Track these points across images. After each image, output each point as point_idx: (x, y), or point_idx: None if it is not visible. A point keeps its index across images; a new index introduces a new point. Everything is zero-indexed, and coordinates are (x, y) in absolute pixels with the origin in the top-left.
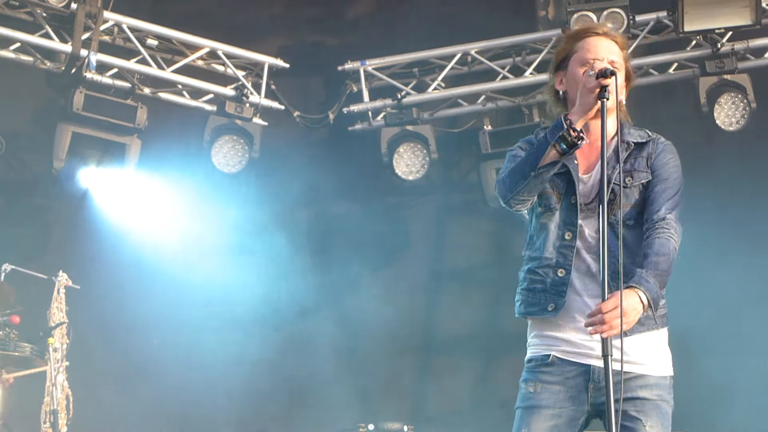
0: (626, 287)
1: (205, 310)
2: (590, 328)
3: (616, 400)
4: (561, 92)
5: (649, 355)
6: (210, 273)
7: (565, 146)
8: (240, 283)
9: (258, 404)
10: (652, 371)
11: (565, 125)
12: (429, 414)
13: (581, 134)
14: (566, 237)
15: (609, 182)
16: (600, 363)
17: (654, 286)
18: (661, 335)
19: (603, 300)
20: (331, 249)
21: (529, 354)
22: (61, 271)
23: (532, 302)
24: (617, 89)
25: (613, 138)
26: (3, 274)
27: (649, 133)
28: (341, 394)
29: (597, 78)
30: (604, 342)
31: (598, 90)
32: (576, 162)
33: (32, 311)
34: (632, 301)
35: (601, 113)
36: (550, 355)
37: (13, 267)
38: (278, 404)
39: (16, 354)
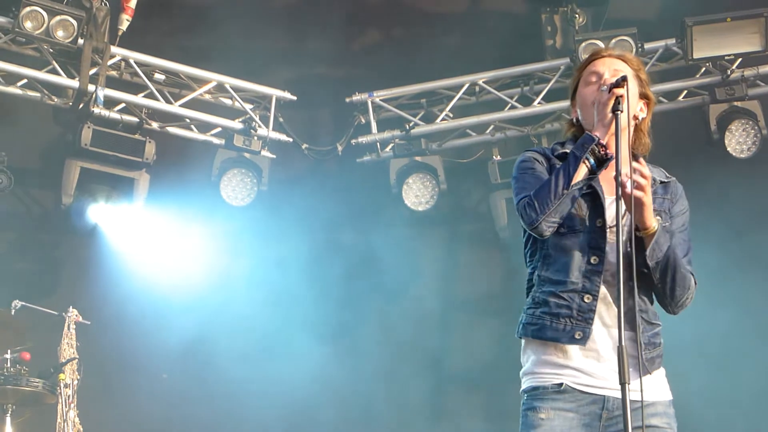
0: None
1: (216, 343)
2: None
3: (635, 428)
4: (575, 119)
5: (652, 382)
6: (220, 306)
7: (594, 161)
8: (250, 316)
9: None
10: (659, 397)
11: (595, 139)
12: None
13: (608, 150)
14: (592, 261)
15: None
16: (614, 393)
17: (666, 236)
18: (663, 371)
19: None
20: (341, 281)
21: (534, 383)
22: (71, 306)
23: (557, 327)
24: (628, 95)
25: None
26: (13, 311)
27: (667, 174)
28: (348, 425)
29: (609, 90)
30: (621, 370)
31: (612, 102)
32: (602, 185)
33: (43, 347)
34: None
35: (615, 127)
36: (562, 383)
37: (23, 303)
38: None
39: (28, 389)
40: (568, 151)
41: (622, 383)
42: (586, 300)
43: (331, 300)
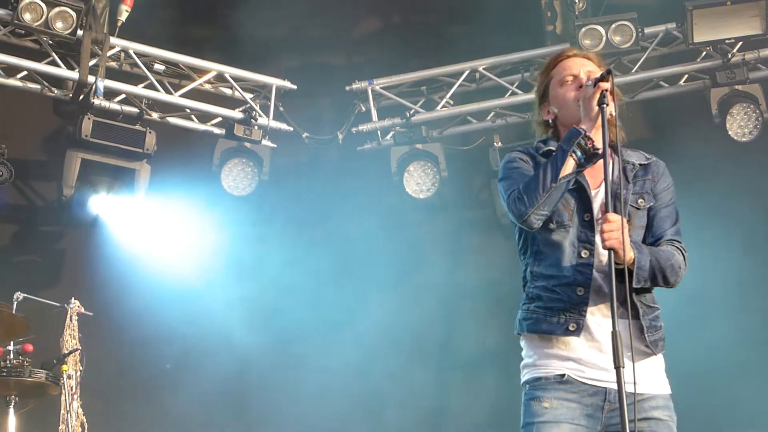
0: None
1: (219, 333)
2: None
3: (630, 421)
4: (550, 121)
5: (653, 376)
6: (222, 296)
7: (581, 155)
8: (253, 306)
9: (267, 424)
10: (659, 390)
11: (582, 132)
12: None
13: (595, 144)
14: (583, 255)
15: (625, 202)
16: (616, 386)
17: (645, 256)
18: (661, 359)
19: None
20: (343, 269)
21: (535, 374)
22: (73, 298)
23: (551, 321)
24: (613, 88)
25: (612, 156)
26: (15, 303)
27: (647, 155)
28: (355, 412)
29: (595, 85)
30: (616, 353)
31: (598, 95)
32: (587, 179)
33: (45, 339)
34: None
35: (602, 119)
36: (564, 374)
37: (26, 295)
38: (288, 426)
39: (31, 380)
40: (552, 148)
41: (617, 367)
42: (578, 293)
43: (332, 288)
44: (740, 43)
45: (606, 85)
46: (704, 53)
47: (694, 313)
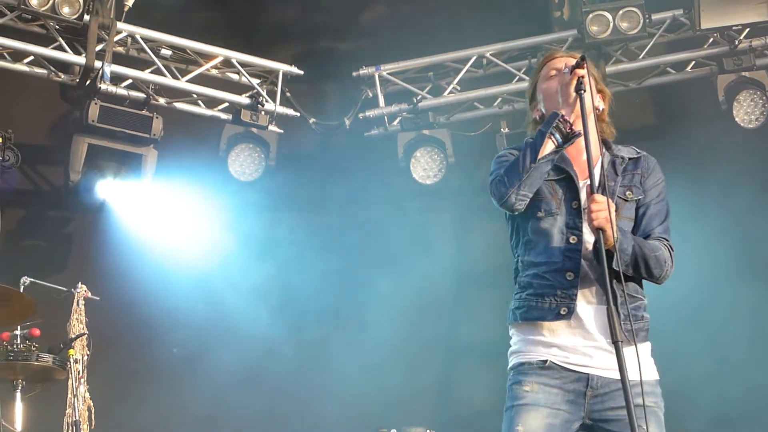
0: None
1: (225, 319)
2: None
3: (637, 406)
4: (538, 118)
5: (635, 363)
6: (229, 282)
7: (560, 137)
8: (259, 291)
9: (273, 409)
10: (646, 376)
11: (558, 114)
12: (453, 418)
13: (573, 127)
14: (571, 240)
15: (612, 193)
16: (598, 372)
17: (628, 240)
18: (648, 346)
19: (609, 304)
20: (351, 255)
21: (519, 359)
22: (80, 282)
23: (542, 307)
24: (590, 73)
25: (600, 151)
26: (22, 287)
27: (637, 150)
28: (363, 399)
29: (571, 72)
30: (613, 329)
31: (575, 81)
32: (575, 171)
33: (52, 323)
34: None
35: (581, 107)
36: (547, 360)
37: (32, 280)
38: (295, 412)
39: (38, 365)
40: None
41: (615, 341)
42: (568, 277)
43: (338, 273)
44: (747, 29)
45: (582, 72)
46: (711, 40)
47: (699, 300)
